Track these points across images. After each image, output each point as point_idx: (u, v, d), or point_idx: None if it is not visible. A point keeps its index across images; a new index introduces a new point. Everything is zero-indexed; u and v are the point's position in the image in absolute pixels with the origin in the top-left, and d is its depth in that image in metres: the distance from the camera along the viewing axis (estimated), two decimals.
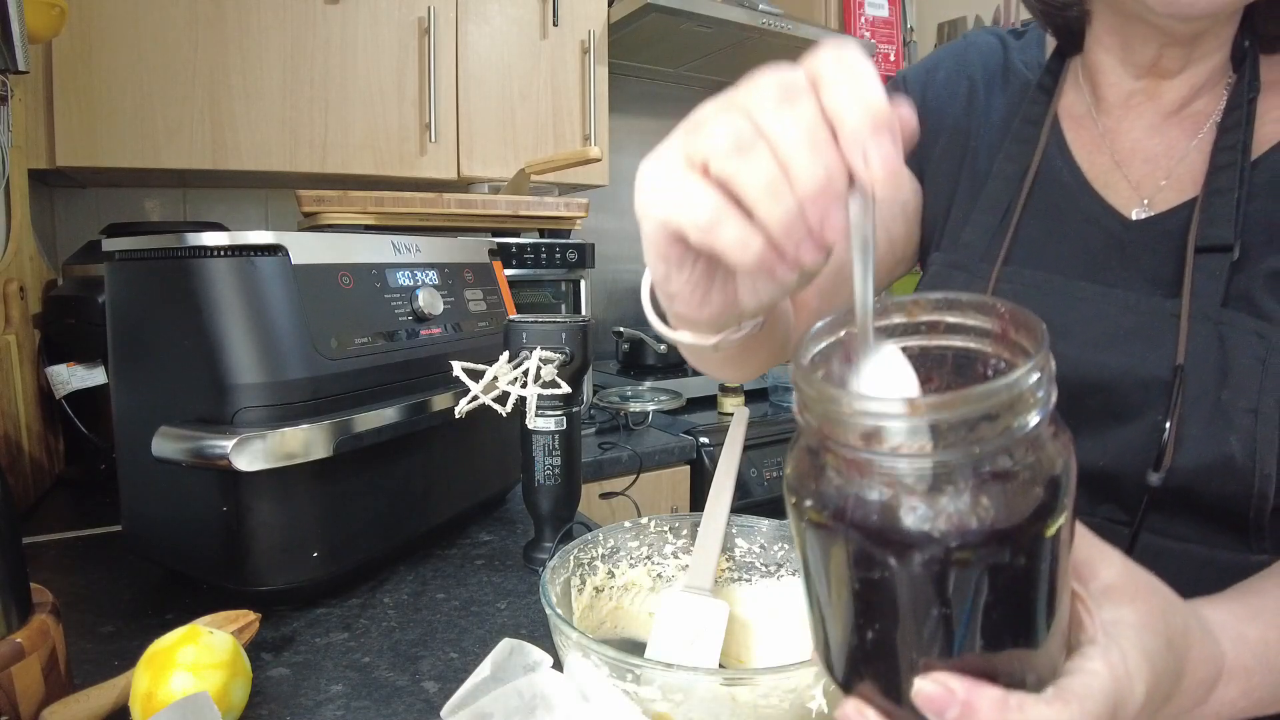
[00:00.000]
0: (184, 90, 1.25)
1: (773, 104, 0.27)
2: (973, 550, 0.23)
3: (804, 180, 0.27)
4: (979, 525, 0.23)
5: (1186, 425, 0.46)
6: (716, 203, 0.28)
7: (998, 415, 0.22)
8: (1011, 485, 0.23)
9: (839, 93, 0.27)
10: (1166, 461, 0.46)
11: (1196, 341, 0.47)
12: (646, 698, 0.39)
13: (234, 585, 0.60)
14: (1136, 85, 0.55)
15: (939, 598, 0.24)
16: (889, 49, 2.02)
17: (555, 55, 1.61)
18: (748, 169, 0.27)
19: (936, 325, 0.28)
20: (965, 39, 0.67)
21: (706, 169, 0.28)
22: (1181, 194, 0.52)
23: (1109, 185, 0.55)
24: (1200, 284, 0.48)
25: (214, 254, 0.58)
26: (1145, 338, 0.49)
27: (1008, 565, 0.23)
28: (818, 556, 0.26)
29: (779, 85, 0.28)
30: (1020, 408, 0.23)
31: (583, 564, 0.53)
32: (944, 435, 0.22)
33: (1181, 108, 0.54)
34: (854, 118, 0.26)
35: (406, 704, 0.49)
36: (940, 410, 0.22)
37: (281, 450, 0.56)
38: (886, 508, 0.23)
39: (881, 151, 0.26)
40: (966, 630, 0.25)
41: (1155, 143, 0.55)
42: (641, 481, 1.37)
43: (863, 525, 0.24)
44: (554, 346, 0.65)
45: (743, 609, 0.54)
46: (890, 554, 0.24)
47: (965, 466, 0.23)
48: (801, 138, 0.27)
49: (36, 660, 0.42)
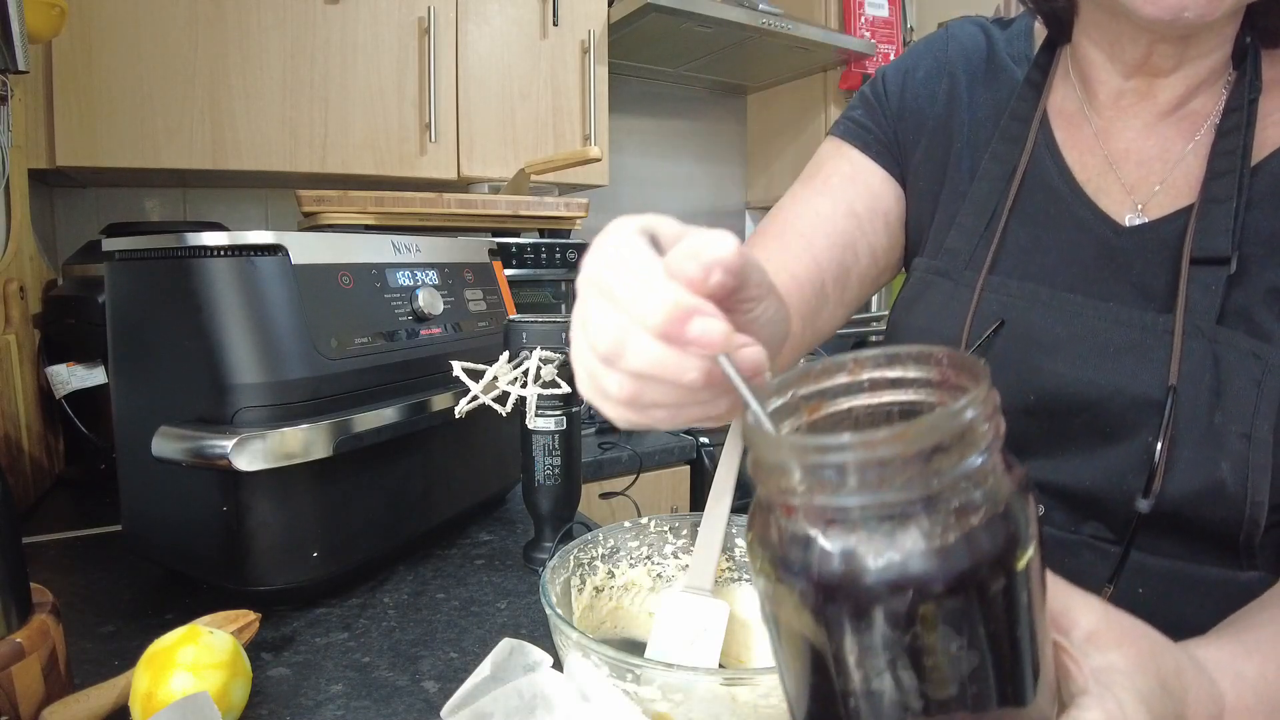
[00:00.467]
0: (184, 90, 1.25)
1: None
2: (946, 590, 0.22)
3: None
4: (947, 563, 0.22)
5: (1177, 448, 0.44)
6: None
7: (947, 447, 0.22)
8: (973, 519, 0.22)
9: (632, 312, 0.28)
10: (1156, 486, 0.44)
11: (1190, 360, 0.45)
12: (646, 698, 0.39)
13: (234, 585, 0.60)
14: (1127, 84, 0.52)
15: (917, 649, 0.23)
16: (889, 49, 2.02)
17: (555, 55, 1.61)
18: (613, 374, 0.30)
19: (879, 382, 0.28)
20: (946, 31, 0.63)
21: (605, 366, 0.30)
22: (1177, 200, 0.49)
23: (1101, 189, 0.52)
24: (1195, 298, 0.46)
25: (214, 254, 0.58)
26: (1137, 354, 0.47)
27: (983, 605, 0.23)
28: (790, 621, 0.25)
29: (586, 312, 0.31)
30: (969, 439, 0.22)
31: (583, 564, 0.53)
32: (898, 471, 0.22)
33: (1178, 107, 0.51)
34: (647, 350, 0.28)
35: (406, 704, 0.49)
36: (892, 444, 0.22)
37: (281, 450, 0.56)
38: (850, 556, 0.23)
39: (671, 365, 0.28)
40: (951, 686, 0.23)
41: (1150, 144, 0.52)
42: (641, 481, 1.37)
43: (830, 578, 0.23)
44: (554, 346, 0.65)
45: (743, 609, 0.54)
46: (861, 604, 0.23)
47: (924, 503, 0.22)
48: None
49: (36, 660, 0.42)
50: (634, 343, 0.28)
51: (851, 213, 0.61)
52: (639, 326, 0.27)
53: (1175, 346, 0.45)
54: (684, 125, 2.22)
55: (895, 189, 0.63)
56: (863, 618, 0.23)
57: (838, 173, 0.63)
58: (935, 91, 0.61)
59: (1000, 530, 0.23)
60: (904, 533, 0.22)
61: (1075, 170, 0.54)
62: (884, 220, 0.62)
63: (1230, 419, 0.44)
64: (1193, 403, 0.44)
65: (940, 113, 0.60)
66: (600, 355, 0.29)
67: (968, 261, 0.56)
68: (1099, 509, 0.48)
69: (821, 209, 0.61)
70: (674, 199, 2.21)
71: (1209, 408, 0.44)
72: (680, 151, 2.21)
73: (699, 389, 0.28)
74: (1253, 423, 0.43)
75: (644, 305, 0.27)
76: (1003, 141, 0.56)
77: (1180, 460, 0.44)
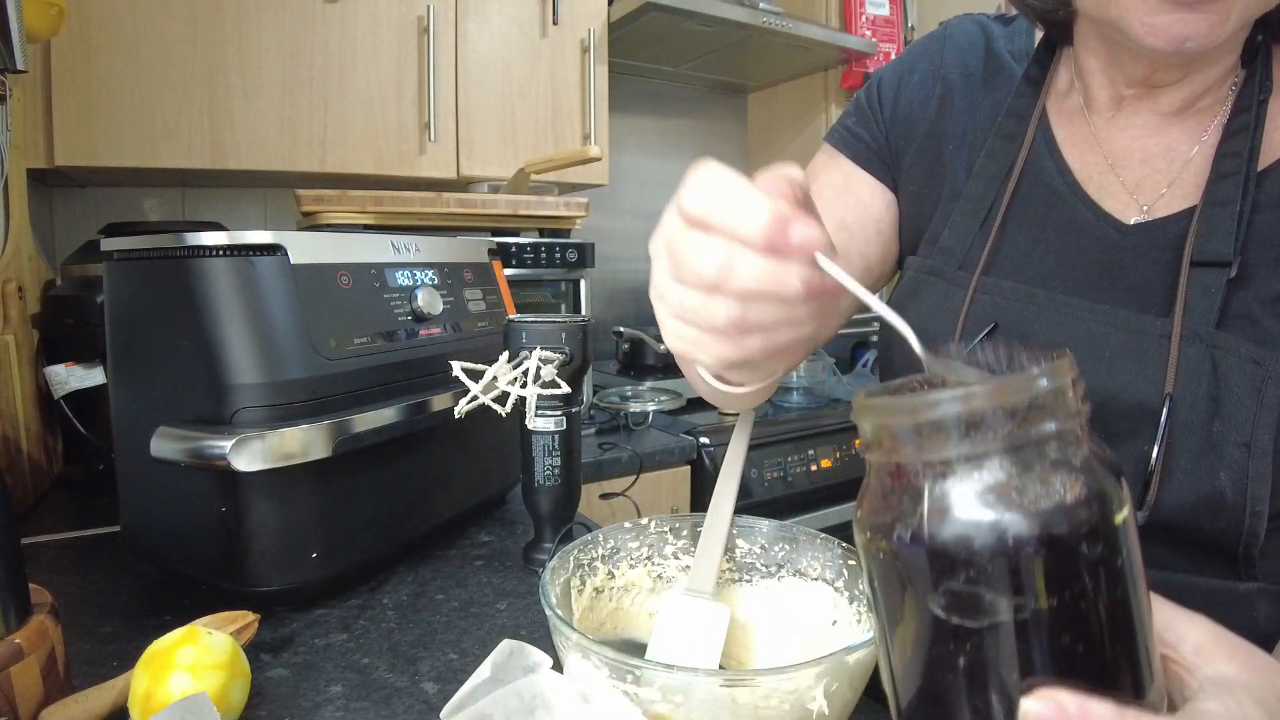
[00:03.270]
0: (183, 90, 1.25)
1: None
2: (1047, 540, 0.23)
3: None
4: (1045, 513, 0.23)
5: (1174, 457, 0.43)
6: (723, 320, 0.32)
7: (1039, 407, 0.24)
8: (1068, 475, 0.24)
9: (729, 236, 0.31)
10: (1151, 496, 0.43)
11: (1188, 366, 0.44)
12: (647, 699, 0.39)
13: (233, 586, 0.59)
14: (1129, 91, 0.51)
15: (1034, 598, 0.24)
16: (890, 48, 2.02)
17: (555, 54, 1.61)
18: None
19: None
20: (944, 30, 0.62)
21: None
22: (1184, 201, 0.48)
23: (1103, 188, 0.51)
24: (1194, 300, 0.44)
25: (213, 254, 0.58)
26: (1134, 359, 0.46)
27: (1085, 557, 0.24)
28: (897, 588, 0.26)
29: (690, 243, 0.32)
30: (1056, 404, 0.24)
31: (583, 565, 0.53)
32: (998, 423, 0.24)
33: (1182, 110, 0.49)
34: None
35: (406, 705, 0.49)
36: (990, 396, 0.24)
37: (280, 450, 0.56)
38: (957, 507, 0.24)
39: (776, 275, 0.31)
40: (1063, 643, 0.24)
41: (1154, 143, 0.50)
42: (642, 482, 1.37)
43: (941, 532, 0.24)
44: (554, 346, 0.65)
45: (743, 610, 0.54)
46: (969, 556, 0.24)
47: (1021, 455, 0.24)
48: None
49: (35, 661, 0.42)
50: (739, 261, 0.30)
51: (843, 225, 0.61)
52: (742, 245, 0.30)
53: (1172, 351, 0.44)
54: (684, 125, 2.21)
55: (887, 196, 0.62)
56: (970, 568, 0.24)
57: (830, 185, 0.63)
58: (929, 96, 0.60)
59: (1094, 487, 0.24)
60: (1004, 484, 0.24)
61: (1075, 169, 0.52)
62: (875, 229, 0.62)
63: (1229, 427, 0.42)
64: (1190, 410, 0.43)
65: (933, 117, 0.59)
66: (706, 284, 0.31)
67: (961, 261, 0.55)
68: None
69: None
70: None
71: (1207, 415, 0.43)
72: (680, 151, 2.21)
73: (799, 303, 0.31)
74: (1252, 431, 0.42)
75: (746, 221, 0.29)
76: (999, 139, 0.55)
77: (1177, 470, 0.43)
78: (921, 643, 0.26)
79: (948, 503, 0.24)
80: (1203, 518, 0.43)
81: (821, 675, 0.38)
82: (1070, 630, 0.24)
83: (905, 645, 0.27)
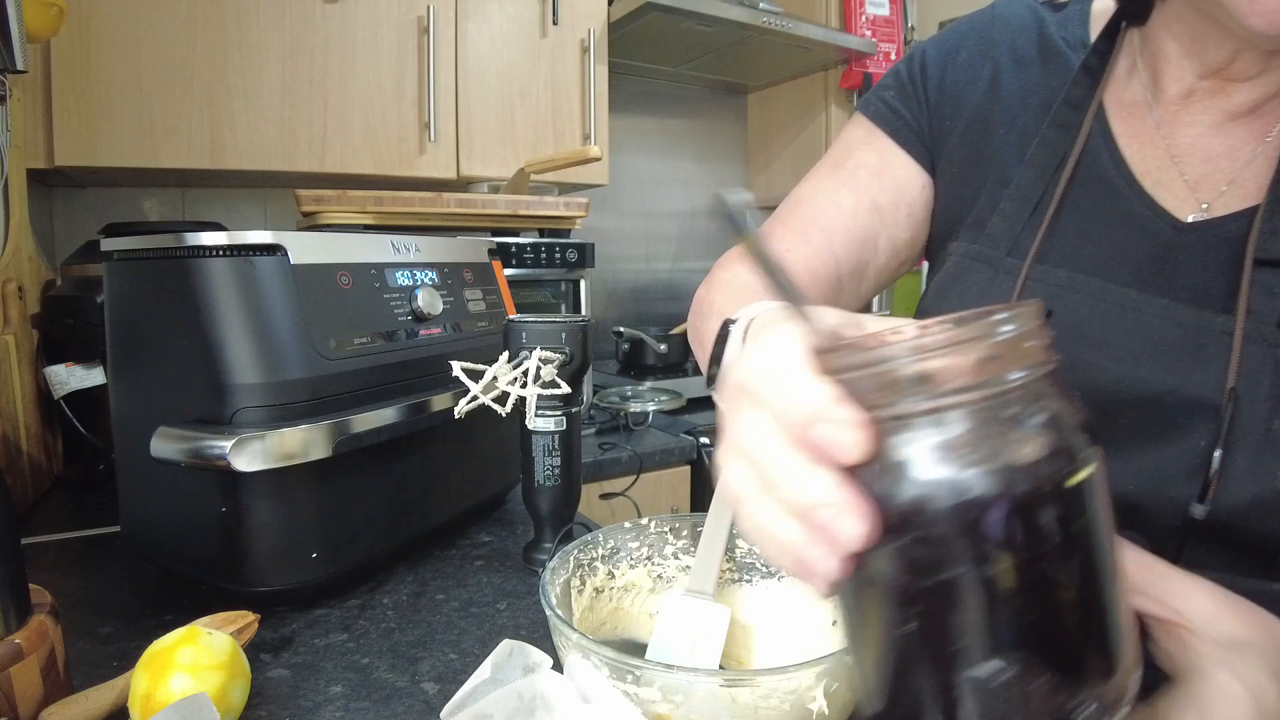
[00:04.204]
0: (183, 90, 1.25)
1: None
2: (998, 497, 0.22)
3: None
4: (999, 472, 0.22)
5: (1231, 454, 0.42)
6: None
7: (996, 357, 0.22)
8: (1022, 432, 0.22)
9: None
10: (1211, 493, 0.42)
11: (1249, 364, 0.43)
12: (646, 699, 0.39)
13: (233, 586, 0.59)
14: (1201, 84, 0.49)
15: (991, 561, 0.22)
16: (890, 48, 2.02)
17: (555, 54, 1.61)
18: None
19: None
20: (993, 10, 0.60)
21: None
22: (1245, 200, 0.47)
23: (1161, 184, 0.50)
24: (1256, 300, 0.44)
25: (213, 254, 0.58)
26: (1191, 354, 0.45)
27: (1035, 518, 0.22)
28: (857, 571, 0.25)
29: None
30: (1016, 354, 0.23)
31: (583, 565, 0.53)
32: (950, 375, 0.22)
33: (1251, 109, 0.48)
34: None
35: (406, 705, 0.49)
36: (942, 348, 0.22)
37: (280, 450, 0.56)
38: (908, 464, 0.23)
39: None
40: (1030, 605, 0.23)
41: (1218, 142, 0.49)
42: (642, 482, 1.37)
43: (890, 488, 0.23)
44: (554, 346, 0.65)
45: (743, 610, 0.54)
46: (922, 512, 0.22)
47: (974, 407, 0.22)
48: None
49: (35, 661, 0.42)
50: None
51: (875, 208, 0.60)
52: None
53: (1235, 348, 0.43)
54: (684, 125, 2.21)
55: (923, 178, 0.61)
56: (922, 526, 0.22)
57: (864, 165, 0.61)
58: (977, 75, 0.58)
59: (1051, 444, 0.23)
60: (958, 438, 0.22)
61: (1133, 163, 0.51)
62: (907, 213, 0.61)
63: None
64: (1250, 407, 0.43)
65: (980, 99, 0.58)
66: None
67: (1010, 248, 0.53)
68: (1137, 515, 0.46)
69: (844, 203, 0.60)
70: (674, 199, 2.21)
71: (1268, 413, 0.42)
72: (680, 151, 2.21)
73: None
74: None
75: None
76: (1054, 128, 0.54)
77: (1233, 468, 0.42)
78: (880, 613, 0.25)
79: (902, 459, 0.23)
80: (1256, 518, 0.42)
81: (821, 675, 0.38)
82: (1029, 595, 0.23)
83: (865, 615, 0.26)
